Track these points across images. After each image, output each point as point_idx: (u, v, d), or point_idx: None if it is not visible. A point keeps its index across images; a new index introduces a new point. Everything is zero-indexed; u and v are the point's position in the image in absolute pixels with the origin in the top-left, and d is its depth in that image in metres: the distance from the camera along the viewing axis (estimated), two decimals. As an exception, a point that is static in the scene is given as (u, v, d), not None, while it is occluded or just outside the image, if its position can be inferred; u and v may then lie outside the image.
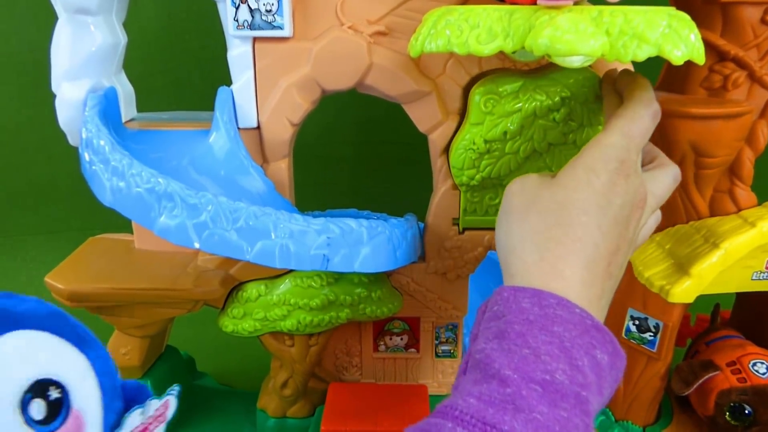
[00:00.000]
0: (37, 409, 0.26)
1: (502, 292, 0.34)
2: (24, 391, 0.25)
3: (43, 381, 0.26)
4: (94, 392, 0.29)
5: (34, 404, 0.26)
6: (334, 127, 0.91)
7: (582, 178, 0.36)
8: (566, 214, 0.35)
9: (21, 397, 0.25)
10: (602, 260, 0.34)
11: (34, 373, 0.26)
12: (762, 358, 0.55)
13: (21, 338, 0.27)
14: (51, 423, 0.26)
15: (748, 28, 0.51)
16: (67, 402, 0.27)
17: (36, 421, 0.26)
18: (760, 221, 0.51)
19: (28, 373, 0.26)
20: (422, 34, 0.45)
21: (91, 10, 0.51)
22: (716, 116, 0.49)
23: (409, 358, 0.64)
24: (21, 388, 0.25)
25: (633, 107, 0.40)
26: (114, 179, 0.47)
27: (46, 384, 0.26)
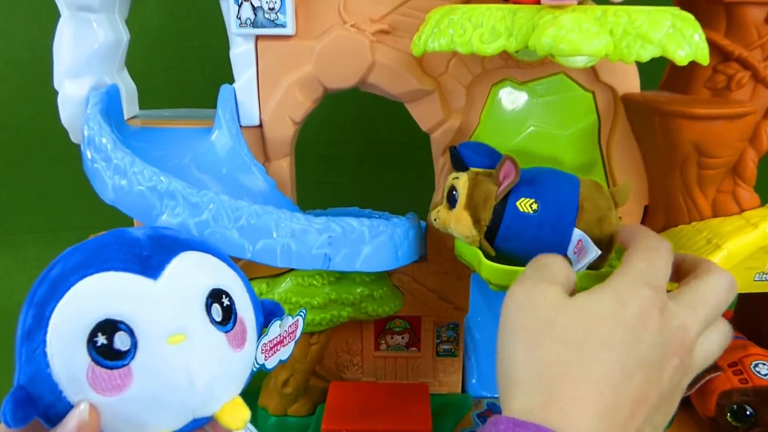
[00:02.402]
0: (216, 312, 0.30)
1: (498, 425, 0.28)
2: (206, 296, 0.30)
3: (216, 289, 0.30)
4: (248, 303, 0.33)
5: (213, 308, 0.30)
6: (336, 126, 0.90)
7: (608, 307, 0.31)
8: (586, 349, 0.30)
9: (205, 300, 0.30)
10: (623, 409, 0.29)
11: (211, 282, 0.30)
12: (764, 359, 0.55)
13: (194, 256, 0.31)
14: (226, 324, 0.30)
15: (752, 29, 0.51)
16: (234, 309, 0.31)
17: (216, 321, 0.30)
18: (763, 222, 0.50)
19: (208, 282, 0.30)
20: (425, 32, 0.45)
21: (93, 8, 0.51)
22: (720, 117, 0.49)
23: (410, 357, 0.64)
24: (205, 293, 0.30)
25: (647, 241, 0.35)
26: (116, 177, 0.47)
27: (220, 292, 0.31)
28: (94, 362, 0.26)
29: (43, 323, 0.27)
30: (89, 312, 0.27)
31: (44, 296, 0.28)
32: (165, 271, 0.29)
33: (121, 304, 0.27)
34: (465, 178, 0.45)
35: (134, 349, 0.27)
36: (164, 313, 0.28)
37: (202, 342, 0.29)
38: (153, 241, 0.30)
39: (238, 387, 0.32)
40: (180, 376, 0.28)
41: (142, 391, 0.27)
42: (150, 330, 0.27)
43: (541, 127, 0.56)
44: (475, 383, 0.65)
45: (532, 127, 0.56)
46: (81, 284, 0.28)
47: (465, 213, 0.44)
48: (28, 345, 0.28)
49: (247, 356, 0.32)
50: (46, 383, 0.27)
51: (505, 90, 0.56)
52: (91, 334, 0.27)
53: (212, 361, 0.29)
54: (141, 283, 0.28)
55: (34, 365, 0.27)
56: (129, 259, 0.29)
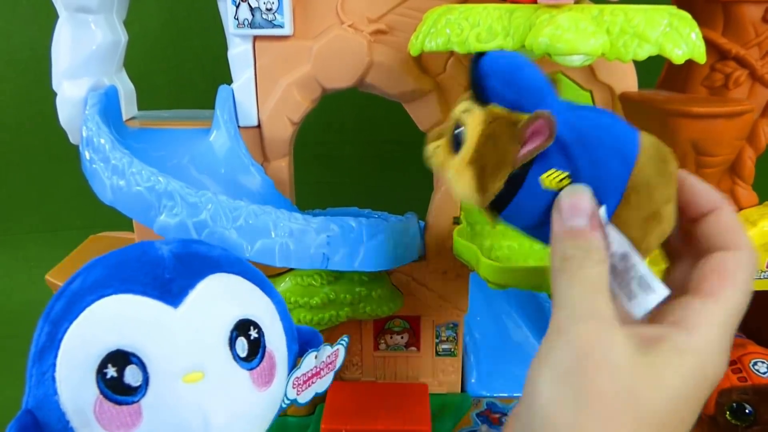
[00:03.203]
0: (241, 346, 0.27)
1: None
2: (231, 329, 0.27)
3: (244, 321, 0.28)
4: (280, 334, 0.30)
5: (238, 342, 0.27)
6: (335, 126, 0.91)
7: (692, 378, 0.25)
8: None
9: (229, 333, 0.27)
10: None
11: (238, 312, 0.28)
12: (763, 357, 0.55)
13: (223, 280, 0.28)
14: (252, 361, 0.27)
15: (750, 27, 0.51)
16: (263, 342, 0.28)
17: (240, 357, 0.27)
18: (762, 220, 0.50)
19: (234, 312, 0.27)
20: (422, 32, 0.45)
21: (91, 9, 0.52)
22: (717, 115, 0.49)
23: (409, 356, 0.64)
24: (230, 325, 0.27)
25: (749, 270, 0.29)
26: (114, 178, 0.47)
27: (248, 324, 0.28)
28: (103, 395, 0.25)
29: (55, 344, 0.26)
30: (101, 340, 0.25)
31: (60, 313, 0.27)
32: (187, 297, 0.26)
33: (134, 334, 0.25)
34: (479, 118, 0.30)
35: (146, 385, 0.25)
36: (181, 347, 0.25)
37: (221, 381, 0.26)
38: (179, 260, 0.28)
39: (263, 427, 0.29)
40: (194, 419, 0.25)
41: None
42: (164, 366, 0.25)
43: (539, 126, 0.56)
44: (475, 383, 0.66)
45: (530, 126, 0.56)
46: (96, 306, 0.26)
47: (468, 170, 0.31)
48: (39, 366, 0.26)
49: (274, 394, 0.29)
50: (54, 411, 0.25)
51: (503, 89, 0.56)
52: (101, 365, 0.25)
53: (232, 402, 0.26)
54: (159, 310, 0.26)
55: (42, 390, 0.26)
56: (149, 281, 0.26)
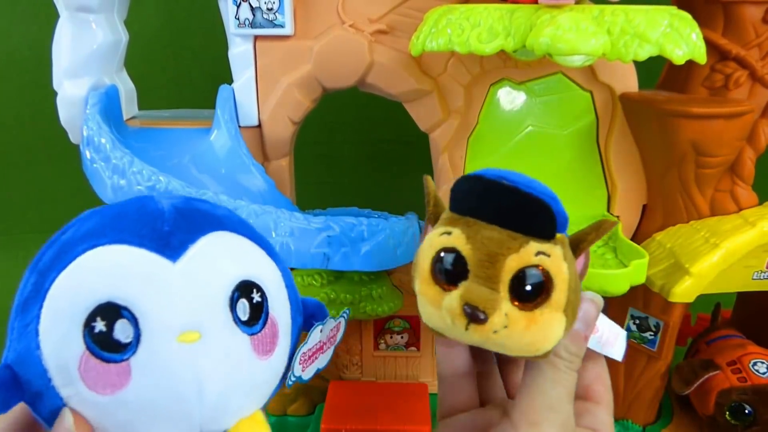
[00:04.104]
0: (242, 309, 0.25)
1: None
2: (233, 289, 0.25)
3: (246, 282, 0.25)
4: (285, 302, 0.28)
5: (240, 304, 0.25)
6: (335, 126, 0.91)
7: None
8: None
9: (230, 294, 0.25)
10: None
11: (241, 272, 0.25)
12: (762, 357, 0.55)
13: (227, 238, 0.26)
14: (253, 326, 0.25)
15: (750, 28, 0.51)
16: (266, 307, 0.26)
17: (240, 320, 0.25)
18: (761, 221, 0.50)
19: (237, 272, 0.25)
20: (423, 32, 0.46)
21: (92, 8, 0.52)
22: (717, 116, 0.49)
23: (409, 356, 0.64)
24: (231, 285, 0.25)
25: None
26: (115, 177, 0.47)
27: (250, 286, 0.25)
28: (89, 351, 0.22)
29: (41, 294, 0.24)
30: (90, 290, 0.23)
31: (48, 263, 0.25)
32: (187, 252, 0.24)
33: (128, 285, 0.23)
34: (560, 253, 0.26)
35: (137, 342, 0.22)
36: (177, 303, 0.23)
37: (219, 344, 0.24)
38: (179, 214, 0.25)
39: (260, 401, 0.27)
40: (187, 383, 0.23)
41: (140, 395, 0.23)
42: (158, 322, 0.23)
43: (540, 126, 0.56)
44: (475, 382, 0.66)
45: (530, 126, 0.56)
46: (88, 255, 0.23)
47: (561, 317, 0.26)
48: (22, 318, 0.24)
49: (274, 365, 0.27)
50: (35, 366, 0.23)
51: (504, 90, 0.56)
52: (89, 318, 0.22)
53: (229, 367, 0.24)
54: (156, 263, 0.23)
55: (24, 343, 0.23)
56: (147, 233, 0.24)
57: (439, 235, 0.27)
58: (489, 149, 0.57)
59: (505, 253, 0.25)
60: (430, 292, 0.27)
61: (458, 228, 0.27)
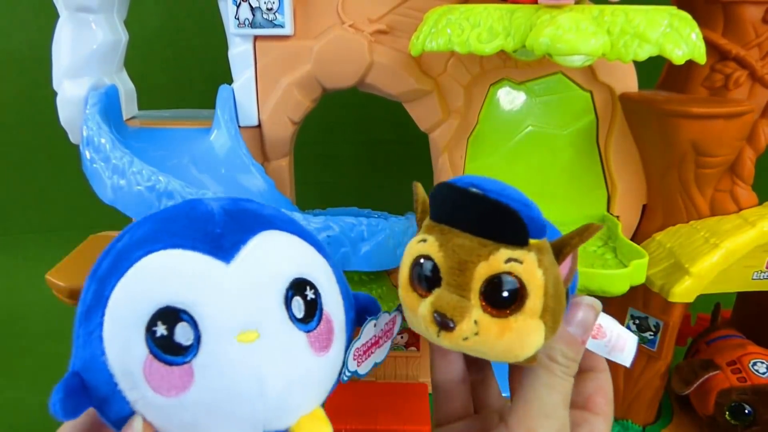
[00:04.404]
0: (297, 307, 0.25)
1: None
2: (287, 287, 0.25)
3: (300, 280, 0.25)
4: (338, 298, 0.28)
5: (294, 301, 0.25)
6: (335, 126, 0.91)
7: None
8: None
9: (285, 292, 0.25)
10: None
11: (294, 270, 0.26)
12: (762, 357, 0.55)
13: (277, 237, 0.26)
14: (309, 323, 0.26)
15: (750, 28, 0.51)
16: (320, 304, 0.26)
17: (296, 318, 0.25)
18: (761, 221, 0.50)
19: (290, 270, 0.25)
20: (423, 32, 0.46)
21: (92, 8, 0.52)
22: (717, 116, 0.49)
23: (409, 356, 0.64)
24: (285, 283, 0.25)
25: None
26: (115, 177, 0.47)
27: (303, 283, 0.26)
28: (153, 355, 0.23)
29: (102, 302, 0.24)
30: (149, 296, 0.23)
31: (107, 271, 0.25)
32: (240, 253, 0.24)
33: (185, 290, 0.23)
34: (533, 260, 0.25)
35: (197, 344, 0.23)
36: (234, 304, 0.24)
37: (277, 342, 0.24)
38: (229, 216, 0.26)
39: (320, 397, 0.27)
40: (249, 382, 0.23)
41: (204, 396, 0.23)
42: (216, 323, 0.23)
43: (540, 126, 0.56)
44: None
45: (530, 126, 0.56)
46: (144, 261, 0.24)
47: (538, 323, 0.26)
48: (86, 326, 0.24)
49: (332, 361, 0.27)
50: (101, 372, 0.24)
51: (504, 90, 0.56)
52: (150, 323, 0.23)
53: (289, 365, 0.25)
54: (210, 266, 0.24)
55: (89, 350, 0.24)
56: (199, 236, 0.24)
57: (417, 243, 0.27)
58: (489, 149, 0.57)
59: (475, 260, 0.25)
60: (408, 298, 0.27)
61: (433, 235, 0.27)
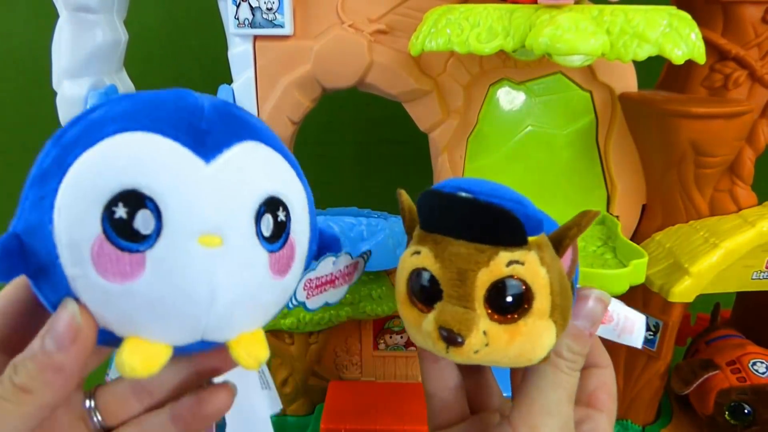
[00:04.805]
0: (266, 225, 0.24)
1: None
2: (261, 202, 0.24)
3: (275, 198, 0.24)
4: (306, 227, 0.27)
5: (264, 219, 0.24)
6: (335, 126, 0.90)
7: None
8: None
9: (258, 207, 0.24)
10: None
11: (271, 188, 0.24)
12: (762, 357, 0.55)
13: (261, 150, 0.25)
14: (274, 243, 0.24)
15: (749, 28, 0.51)
16: (288, 228, 0.25)
17: (263, 235, 0.24)
18: (760, 221, 0.50)
19: (267, 186, 0.24)
20: (423, 32, 0.46)
21: (92, 8, 0.52)
22: (717, 115, 0.49)
23: (409, 356, 0.64)
24: (260, 198, 0.24)
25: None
26: (114, 177, 0.47)
27: (278, 203, 0.25)
28: (105, 236, 0.21)
29: (62, 169, 0.23)
30: (116, 174, 0.22)
31: (73, 138, 0.23)
32: (222, 155, 0.23)
33: (157, 177, 0.22)
34: (535, 259, 0.24)
35: (156, 236, 0.22)
36: (204, 205, 0.22)
37: (238, 253, 0.23)
38: (218, 115, 0.24)
39: (264, 319, 0.26)
40: (200, 286, 0.22)
41: (151, 289, 0.22)
42: (182, 219, 0.22)
43: (539, 126, 0.56)
44: (474, 382, 0.66)
45: (529, 126, 0.56)
46: (118, 138, 0.22)
47: (548, 323, 0.25)
48: (38, 189, 0.23)
49: (286, 287, 0.26)
50: (44, 241, 0.22)
51: (503, 90, 0.56)
52: (111, 202, 0.21)
53: (244, 279, 0.24)
54: (189, 160, 0.23)
55: (36, 215, 0.23)
56: (184, 127, 0.23)
57: (410, 255, 0.26)
58: (488, 149, 0.57)
59: (475, 268, 0.24)
60: (409, 315, 0.26)
61: (426, 246, 0.26)
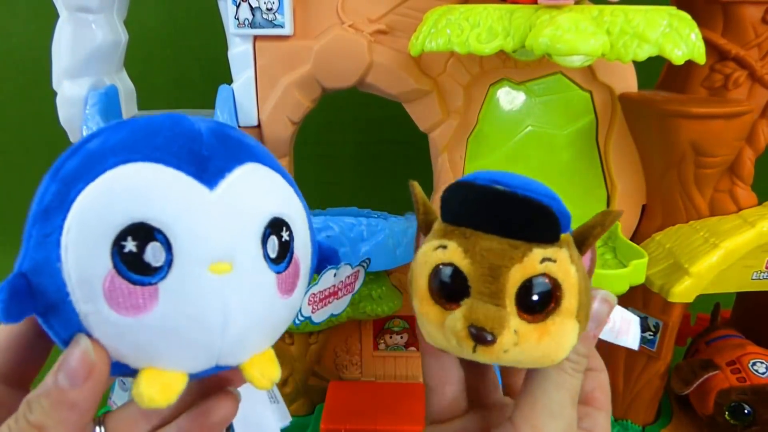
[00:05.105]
0: (272, 247, 0.24)
1: None
2: (266, 225, 0.24)
3: (279, 219, 0.24)
4: (308, 244, 0.27)
5: (270, 241, 0.24)
6: (335, 126, 0.91)
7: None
8: None
9: (263, 230, 0.24)
10: None
11: (275, 209, 0.24)
12: (762, 357, 0.55)
13: (260, 172, 0.25)
14: (279, 264, 0.24)
15: (749, 28, 0.51)
16: (292, 246, 0.25)
17: (269, 257, 0.24)
18: (760, 221, 0.50)
19: (271, 208, 0.24)
20: (423, 32, 0.46)
21: (92, 8, 0.52)
22: (717, 116, 0.49)
23: (409, 356, 0.64)
24: (265, 220, 0.24)
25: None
26: (114, 177, 0.47)
27: (281, 224, 0.25)
28: (116, 270, 0.21)
29: (65, 205, 0.22)
30: (123, 208, 0.22)
31: (73, 172, 0.23)
32: (224, 181, 0.23)
33: (164, 208, 0.22)
34: (566, 257, 0.24)
35: (167, 267, 0.22)
36: (213, 232, 0.22)
37: (248, 278, 0.23)
38: (217, 139, 0.24)
39: (274, 339, 0.27)
40: (214, 313, 0.23)
41: (166, 320, 0.22)
42: (191, 249, 0.22)
43: (539, 126, 0.56)
44: (474, 382, 0.66)
45: (530, 126, 0.56)
46: (120, 170, 0.22)
47: (574, 323, 0.24)
48: (41, 227, 0.23)
49: (293, 305, 0.26)
50: (53, 278, 0.22)
51: (503, 90, 0.56)
52: (120, 236, 0.21)
53: (255, 303, 0.24)
54: (193, 189, 0.22)
55: (43, 253, 0.23)
56: (185, 155, 0.23)
57: (434, 250, 0.25)
58: (488, 149, 0.57)
59: (508, 264, 0.23)
60: (431, 312, 0.26)
61: (454, 241, 0.25)
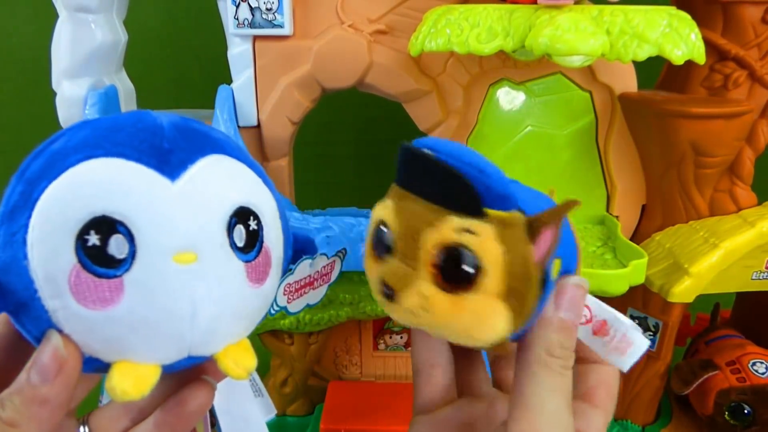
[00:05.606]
0: (239, 236, 0.25)
1: None
2: (231, 214, 0.24)
3: (245, 208, 0.25)
4: (278, 232, 0.27)
5: (237, 230, 0.24)
6: (334, 126, 0.91)
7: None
8: None
9: (228, 219, 0.24)
10: None
11: (239, 198, 0.25)
12: (761, 357, 0.55)
13: (225, 163, 0.25)
14: (248, 253, 0.25)
15: (749, 28, 0.51)
16: (261, 235, 0.26)
17: (237, 246, 0.24)
18: (760, 221, 0.50)
19: (235, 197, 0.25)
20: (422, 32, 0.46)
21: (91, 8, 0.52)
22: (717, 116, 0.49)
23: (409, 356, 0.64)
24: (230, 210, 0.24)
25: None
26: (114, 177, 0.47)
27: (248, 213, 0.25)
28: (81, 265, 0.22)
29: (30, 204, 0.23)
30: (85, 203, 0.22)
31: (37, 172, 0.24)
32: (187, 172, 0.24)
33: (125, 200, 0.22)
34: (490, 232, 0.23)
35: (131, 259, 0.22)
36: (176, 223, 0.23)
37: (215, 267, 0.24)
38: (179, 132, 0.24)
39: (249, 328, 0.27)
40: (182, 303, 0.23)
41: (133, 312, 0.22)
42: (154, 240, 0.22)
43: (539, 126, 0.56)
44: (474, 382, 0.66)
45: (529, 126, 0.56)
46: (82, 167, 0.23)
47: (500, 306, 0.23)
48: (8, 227, 0.23)
49: (265, 294, 0.27)
50: (20, 277, 0.22)
51: (503, 90, 0.56)
52: (83, 230, 0.22)
53: (224, 292, 0.24)
54: (155, 181, 0.23)
55: (10, 252, 0.23)
56: (146, 148, 0.23)
57: (379, 207, 0.26)
58: (488, 149, 0.57)
59: (423, 227, 0.23)
60: (369, 266, 0.26)
61: (392, 200, 0.25)
